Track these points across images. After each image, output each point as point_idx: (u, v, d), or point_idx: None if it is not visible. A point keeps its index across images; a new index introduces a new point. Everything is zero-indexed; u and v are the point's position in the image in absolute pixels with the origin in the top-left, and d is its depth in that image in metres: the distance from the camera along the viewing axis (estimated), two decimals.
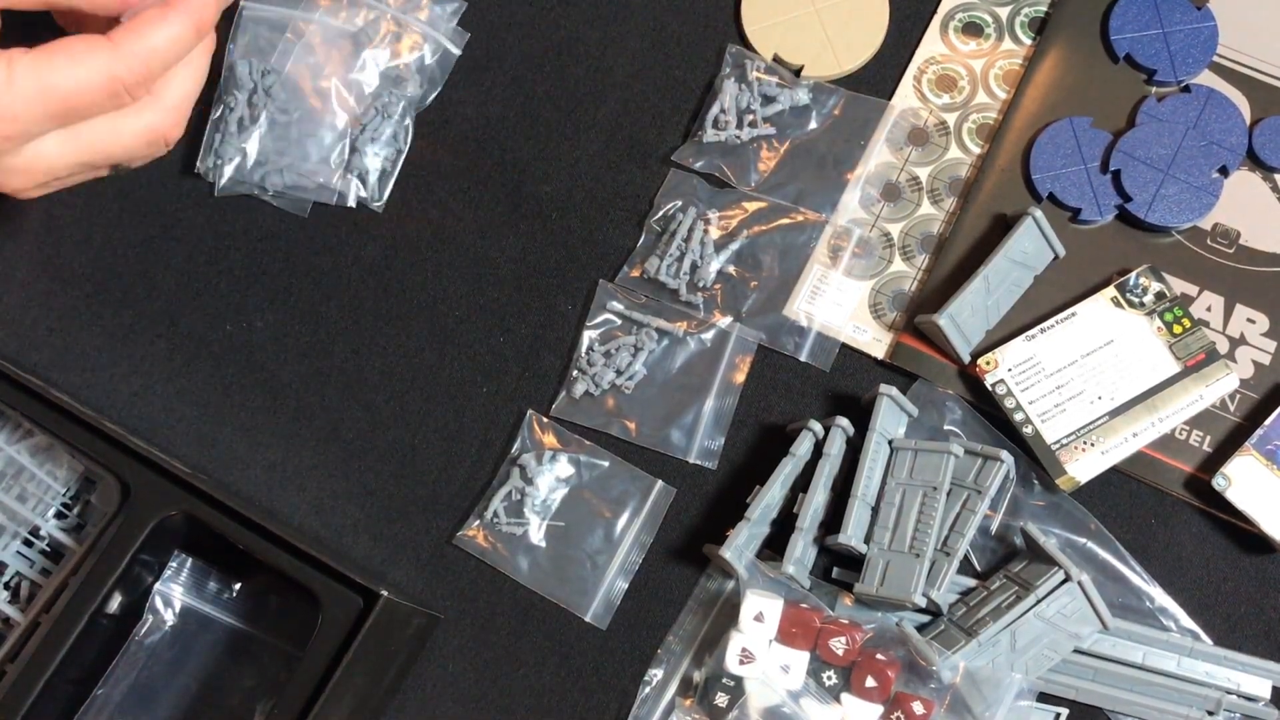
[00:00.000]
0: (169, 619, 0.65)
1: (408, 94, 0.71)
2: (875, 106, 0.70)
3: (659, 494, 0.66)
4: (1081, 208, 0.66)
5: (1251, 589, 0.62)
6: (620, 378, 0.67)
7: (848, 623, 0.59)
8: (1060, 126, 0.67)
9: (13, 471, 0.65)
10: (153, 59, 0.51)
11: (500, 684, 0.64)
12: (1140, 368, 0.62)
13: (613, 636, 0.64)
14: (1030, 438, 0.62)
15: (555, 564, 0.65)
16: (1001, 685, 0.58)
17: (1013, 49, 0.70)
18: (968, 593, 0.61)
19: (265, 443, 0.68)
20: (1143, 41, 0.67)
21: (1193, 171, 0.65)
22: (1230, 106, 0.66)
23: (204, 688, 0.64)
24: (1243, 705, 0.60)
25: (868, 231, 0.68)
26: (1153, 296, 0.63)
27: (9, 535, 0.65)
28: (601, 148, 0.71)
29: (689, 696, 0.62)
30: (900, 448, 0.62)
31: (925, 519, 0.59)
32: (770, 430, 0.66)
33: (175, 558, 0.65)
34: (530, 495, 0.65)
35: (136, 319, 0.70)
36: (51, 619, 0.58)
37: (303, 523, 0.67)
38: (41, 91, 0.49)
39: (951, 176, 0.68)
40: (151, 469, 0.59)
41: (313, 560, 0.58)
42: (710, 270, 0.68)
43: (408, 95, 0.71)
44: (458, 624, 0.65)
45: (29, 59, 0.50)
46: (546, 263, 0.70)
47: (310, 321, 0.70)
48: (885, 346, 0.66)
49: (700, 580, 0.64)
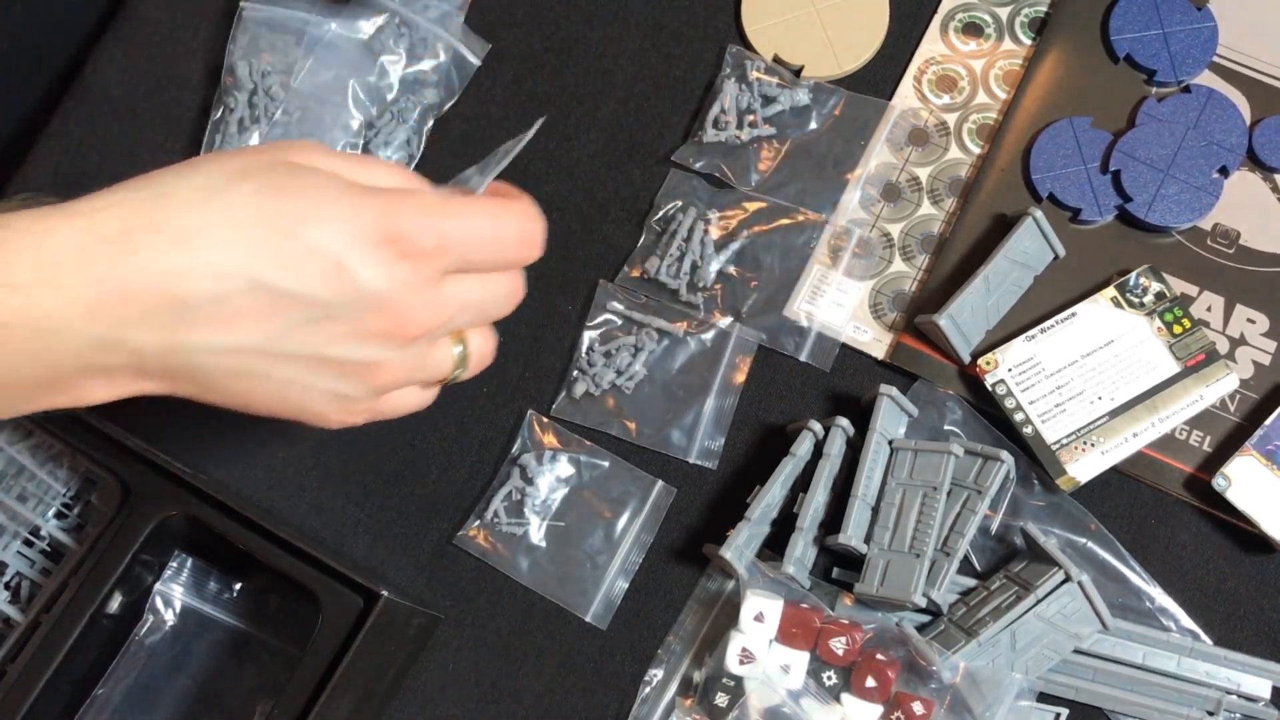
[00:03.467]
0: (169, 619, 0.65)
1: (425, 100, 0.71)
2: (875, 106, 0.70)
3: (659, 494, 0.66)
4: (1081, 208, 0.66)
5: (1251, 589, 0.62)
6: (620, 378, 0.67)
7: (848, 623, 0.59)
8: (1060, 126, 0.67)
9: (13, 471, 0.65)
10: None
11: (500, 684, 0.64)
12: (1140, 368, 0.62)
13: (613, 636, 0.64)
14: (1030, 438, 0.62)
15: (555, 564, 0.65)
16: (1001, 685, 0.58)
17: (1013, 49, 0.70)
18: (968, 593, 0.61)
19: (265, 443, 0.68)
20: (1143, 42, 0.67)
21: (1193, 171, 0.65)
22: (1230, 106, 0.66)
23: (204, 688, 0.64)
24: (1243, 705, 0.60)
25: (868, 232, 0.68)
26: (1153, 296, 0.63)
27: (9, 535, 0.65)
28: (601, 148, 0.71)
29: (689, 696, 0.62)
30: (900, 448, 0.62)
31: (925, 519, 0.59)
32: (770, 430, 0.66)
33: (175, 558, 0.65)
34: (530, 495, 0.65)
35: None
36: (52, 619, 0.58)
37: (303, 523, 0.67)
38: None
39: (951, 177, 0.68)
40: (151, 469, 0.59)
41: (313, 560, 0.58)
42: (710, 270, 0.68)
43: (425, 102, 0.71)
44: (458, 624, 0.65)
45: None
46: (546, 263, 0.69)
47: None
48: (885, 346, 0.66)
49: (700, 580, 0.64)
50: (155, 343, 0.43)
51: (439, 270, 0.46)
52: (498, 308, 0.50)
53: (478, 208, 0.48)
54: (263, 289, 0.43)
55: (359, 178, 0.46)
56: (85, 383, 0.44)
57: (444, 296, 0.47)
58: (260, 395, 0.47)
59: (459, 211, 0.47)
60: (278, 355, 0.45)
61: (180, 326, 0.43)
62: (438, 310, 0.47)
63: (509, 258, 0.49)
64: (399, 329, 0.46)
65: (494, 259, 0.48)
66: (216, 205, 0.43)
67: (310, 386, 0.47)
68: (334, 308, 0.44)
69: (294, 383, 0.46)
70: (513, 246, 0.48)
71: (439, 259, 0.46)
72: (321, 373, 0.46)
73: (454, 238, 0.46)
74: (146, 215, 0.43)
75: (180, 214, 0.43)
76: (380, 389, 0.48)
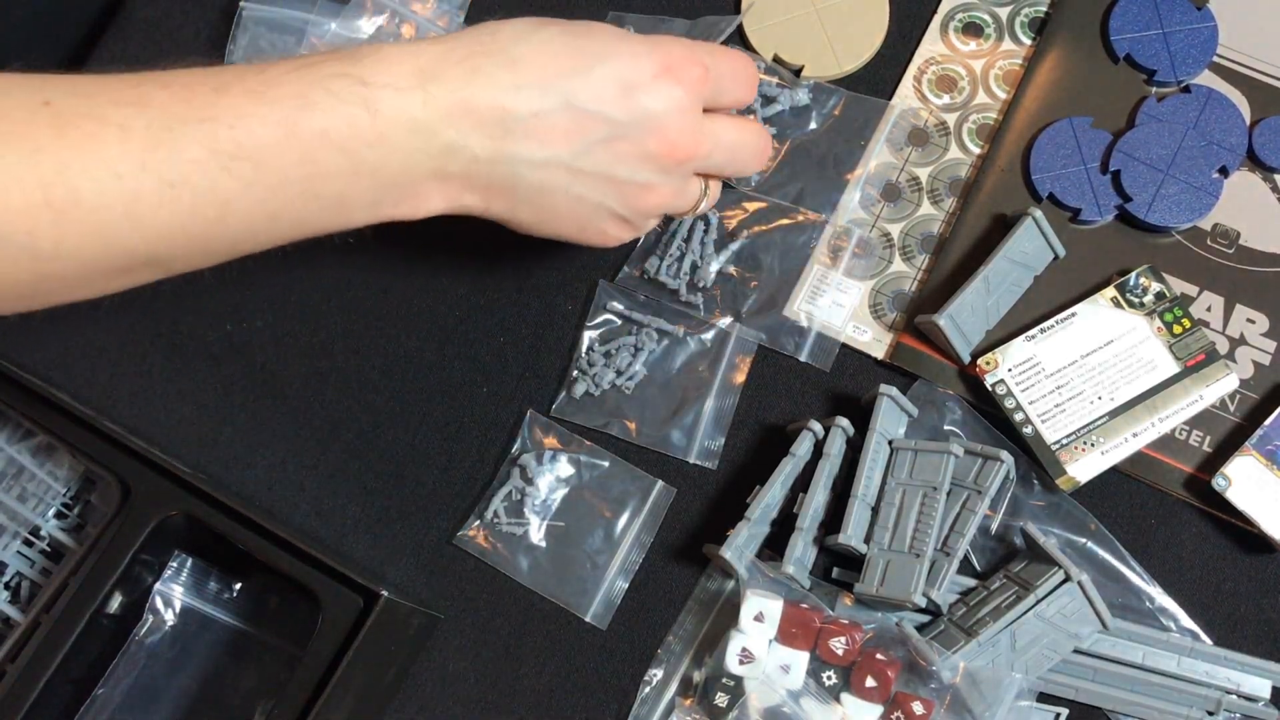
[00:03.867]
0: (169, 619, 0.65)
1: None
2: (875, 106, 0.70)
3: (659, 494, 0.66)
4: (1081, 208, 0.66)
5: (1251, 589, 0.62)
6: (620, 378, 0.67)
7: (848, 623, 0.59)
8: (1060, 126, 0.67)
9: (13, 471, 0.65)
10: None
11: (500, 684, 0.64)
12: (1140, 368, 0.62)
13: (613, 636, 0.64)
14: (1030, 438, 0.62)
15: (555, 564, 0.65)
16: (1001, 685, 0.58)
17: (1013, 49, 0.70)
18: (968, 593, 0.61)
19: (265, 443, 0.68)
20: (1143, 41, 0.67)
21: (1193, 171, 0.65)
22: (1230, 106, 0.66)
23: (204, 688, 0.64)
24: (1243, 705, 0.60)
25: (868, 232, 0.68)
26: (1153, 296, 0.63)
27: (9, 535, 0.65)
28: None
29: (689, 696, 0.62)
30: (900, 448, 0.62)
31: (925, 519, 0.59)
32: (770, 430, 0.66)
33: (175, 558, 0.65)
34: (530, 495, 0.65)
35: (136, 319, 0.70)
36: (52, 619, 0.58)
37: (303, 523, 0.67)
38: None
39: (951, 177, 0.68)
40: (151, 469, 0.59)
41: (313, 560, 0.58)
42: (710, 270, 0.68)
43: None
44: (458, 624, 0.65)
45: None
46: (546, 263, 0.70)
47: (310, 321, 0.70)
48: (885, 346, 0.66)
49: (700, 580, 0.64)
50: (488, 150, 0.53)
51: (701, 98, 0.56)
52: (747, 156, 0.60)
53: (719, 48, 0.59)
54: (572, 108, 0.53)
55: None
56: (427, 187, 0.54)
57: (706, 128, 0.57)
58: (558, 211, 0.56)
59: (710, 49, 0.57)
60: (578, 171, 0.55)
61: (507, 137, 0.53)
62: (701, 139, 0.57)
63: (743, 94, 0.59)
64: (671, 151, 0.56)
65: (740, 90, 0.58)
66: (535, 39, 0.53)
67: (598, 205, 0.56)
68: (624, 127, 0.54)
69: (585, 199, 0.56)
70: (745, 83, 0.59)
71: (702, 85, 0.56)
72: (608, 192, 0.56)
73: (711, 66, 0.56)
74: (484, 44, 0.53)
75: (509, 44, 0.53)
76: (647, 212, 0.58)
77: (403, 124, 0.51)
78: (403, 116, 0.51)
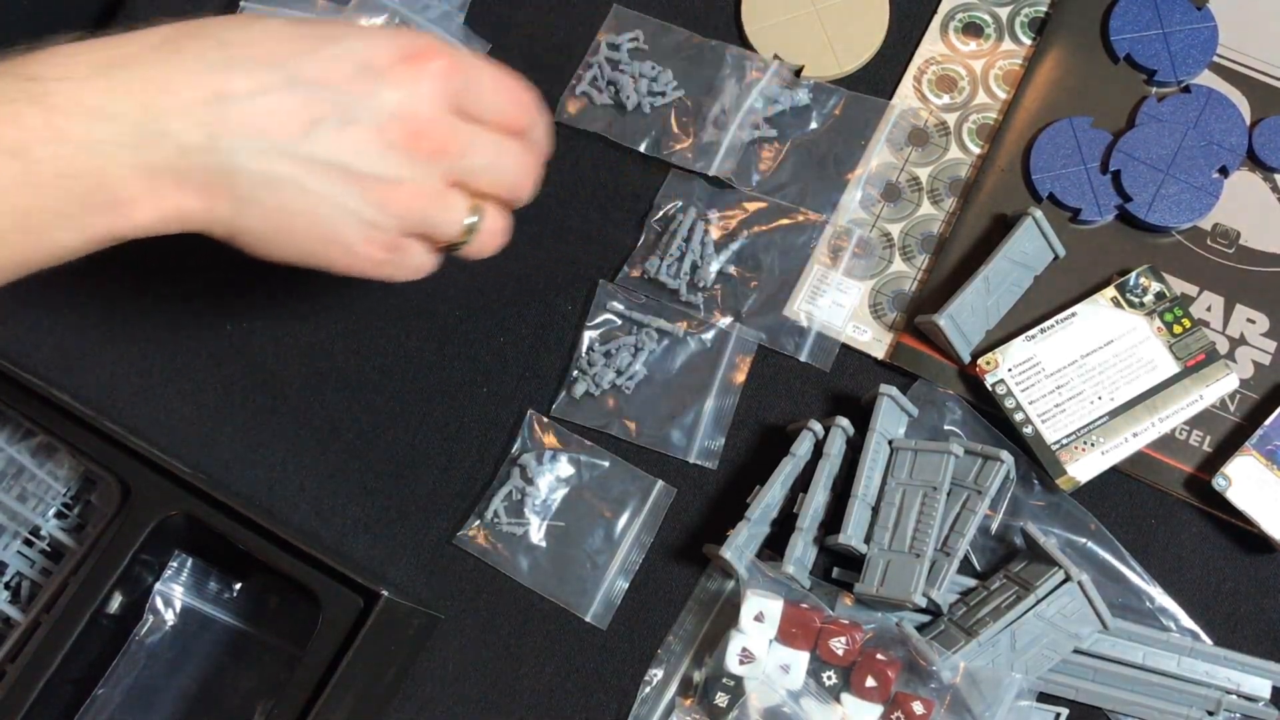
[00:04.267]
0: (169, 619, 0.65)
1: None
2: (875, 106, 0.70)
3: (659, 494, 0.66)
4: (1081, 208, 0.66)
5: (1251, 589, 0.62)
6: (620, 378, 0.67)
7: (848, 623, 0.59)
8: (1060, 126, 0.67)
9: (13, 471, 0.65)
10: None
11: (500, 684, 0.64)
12: (1140, 368, 0.62)
13: (613, 636, 0.64)
14: (1030, 438, 0.62)
15: (555, 564, 0.65)
16: (1001, 685, 0.58)
17: (1013, 49, 0.70)
18: (968, 593, 0.61)
19: (265, 443, 0.68)
20: (1143, 41, 0.67)
21: (1193, 171, 0.65)
22: (1230, 106, 0.66)
23: (204, 688, 0.64)
24: (1243, 705, 0.60)
25: (868, 231, 0.68)
26: (1153, 296, 0.63)
27: (9, 535, 0.65)
28: (601, 148, 0.71)
29: (689, 696, 0.62)
30: (900, 448, 0.62)
31: (925, 519, 0.59)
32: (770, 430, 0.66)
33: (175, 558, 0.65)
34: (530, 495, 0.65)
35: (137, 319, 0.70)
36: (52, 619, 0.58)
37: (303, 523, 0.67)
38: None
39: (951, 176, 0.68)
40: (151, 469, 0.59)
41: (313, 560, 0.58)
42: (710, 270, 0.68)
43: None
44: (458, 624, 0.65)
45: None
46: (546, 263, 0.70)
47: (310, 321, 0.70)
48: (885, 346, 0.66)
49: (700, 580, 0.64)
50: (197, 137, 0.46)
51: (452, 92, 0.50)
52: (513, 172, 0.54)
53: (482, 58, 0.54)
54: (298, 86, 0.47)
55: None
56: (132, 189, 0.46)
57: (458, 123, 0.51)
58: (294, 214, 0.49)
59: (468, 55, 0.52)
60: (309, 162, 0.48)
61: (219, 121, 0.46)
62: (454, 135, 0.51)
63: (509, 113, 0.53)
64: (415, 141, 0.49)
65: (503, 103, 0.53)
66: (254, 27, 0.48)
67: (340, 205, 0.49)
68: (359, 110, 0.48)
69: (324, 199, 0.49)
70: (511, 102, 0.53)
71: (451, 78, 0.50)
72: (348, 189, 0.49)
73: (463, 65, 0.51)
74: (189, 30, 0.47)
75: (220, 30, 0.48)
76: (399, 217, 0.51)
77: (81, 113, 0.44)
78: (81, 106, 0.44)
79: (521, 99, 0.54)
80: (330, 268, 0.52)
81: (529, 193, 0.56)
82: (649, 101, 0.70)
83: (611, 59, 0.72)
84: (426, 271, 0.55)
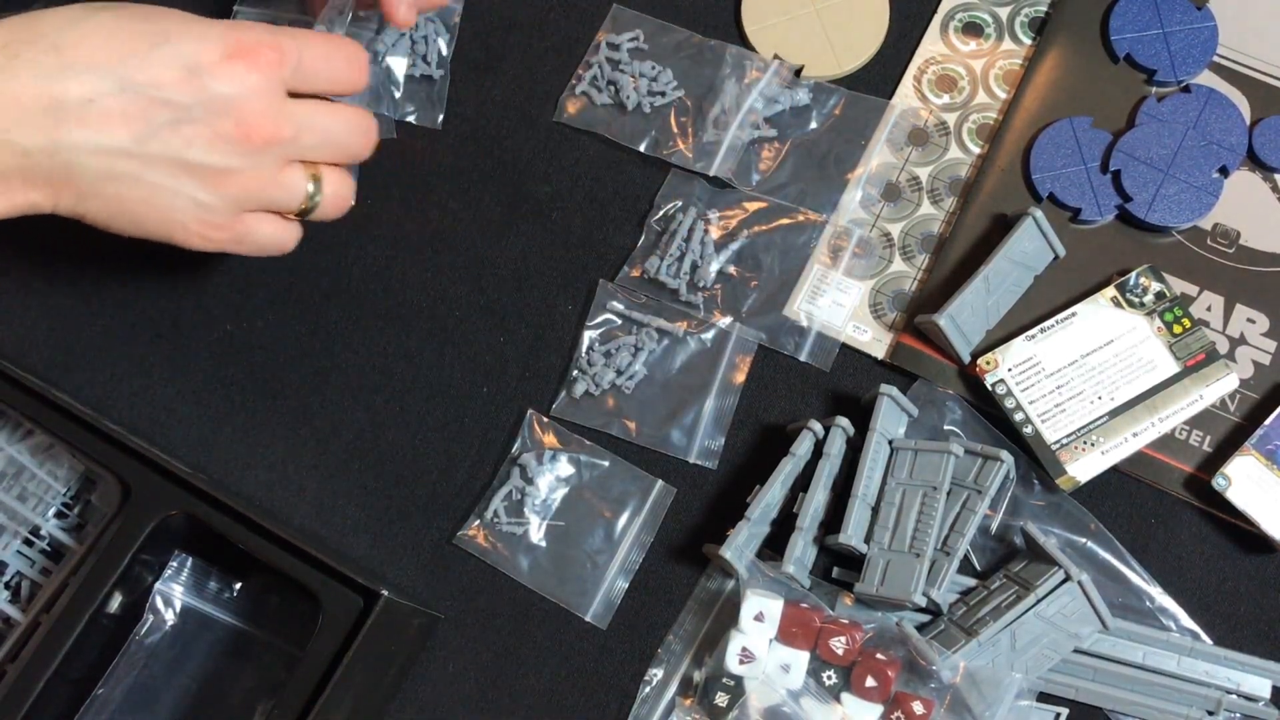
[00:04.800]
0: (169, 619, 0.65)
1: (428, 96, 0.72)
2: (875, 106, 0.70)
3: (659, 494, 0.66)
4: (1081, 208, 0.66)
5: (1251, 589, 0.62)
6: (620, 378, 0.67)
7: (848, 623, 0.59)
8: (1060, 126, 0.67)
9: (13, 471, 0.65)
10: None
11: (500, 684, 0.64)
12: (1140, 368, 0.62)
13: (613, 636, 0.64)
14: (1030, 438, 0.62)
15: (555, 564, 0.65)
16: (1001, 685, 0.58)
17: (1013, 49, 0.70)
18: (968, 593, 0.61)
19: (265, 443, 0.68)
20: (1143, 41, 0.67)
21: (1193, 171, 0.65)
22: (1230, 106, 0.66)
23: (204, 688, 0.64)
24: (1243, 705, 0.60)
25: (868, 231, 0.68)
26: (1153, 296, 0.63)
27: (9, 535, 0.65)
28: (601, 148, 0.71)
29: (689, 696, 0.62)
30: (900, 448, 0.62)
31: (925, 519, 0.59)
32: (770, 430, 0.66)
33: (175, 558, 0.65)
34: (530, 495, 0.65)
35: (136, 319, 0.71)
36: (52, 619, 0.58)
37: (303, 523, 0.67)
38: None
39: (951, 176, 0.68)
40: (151, 469, 0.59)
41: (313, 560, 0.58)
42: (710, 270, 0.68)
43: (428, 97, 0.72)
44: (458, 624, 0.65)
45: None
46: (546, 263, 0.70)
47: (310, 321, 0.70)
48: (885, 346, 0.66)
49: (700, 580, 0.64)
50: (39, 142, 0.50)
51: (280, 80, 0.54)
52: (346, 139, 0.57)
53: (311, 33, 0.56)
54: (130, 89, 0.50)
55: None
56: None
57: (289, 110, 0.54)
58: (132, 201, 0.53)
59: (294, 33, 0.55)
60: (145, 157, 0.52)
61: (59, 126, 0.50)
62: (282, 121, 0.54)
63: (340, 78, 0.56)
64: (246, 134, 0.53)
65: (328, 76, 0.56)
66: (86, 24, 0.51)
67: (175, 192, 0.53)
68: (191, 110, 0.52)
69: (161, 188, 0.53)
70: (343, 67, 0.56)
71: (279, 68, 0.53)
72: (183, 178, 0.53)
73: (290, 50, 0.54)
74: (23, 30, 0.50)
75: (55, 30, 0.50)
76: (235, 200, 0.55)
77: None
78: None
79: (353, 62, 0.57)
80: (176, 244, 0.56)
81: (367, 151, 0.59)
82: (649, 101, 0.70)
83: (611, 59, 0.72)
84: (287, 244, 0.60)
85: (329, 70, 0.56)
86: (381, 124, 0.72)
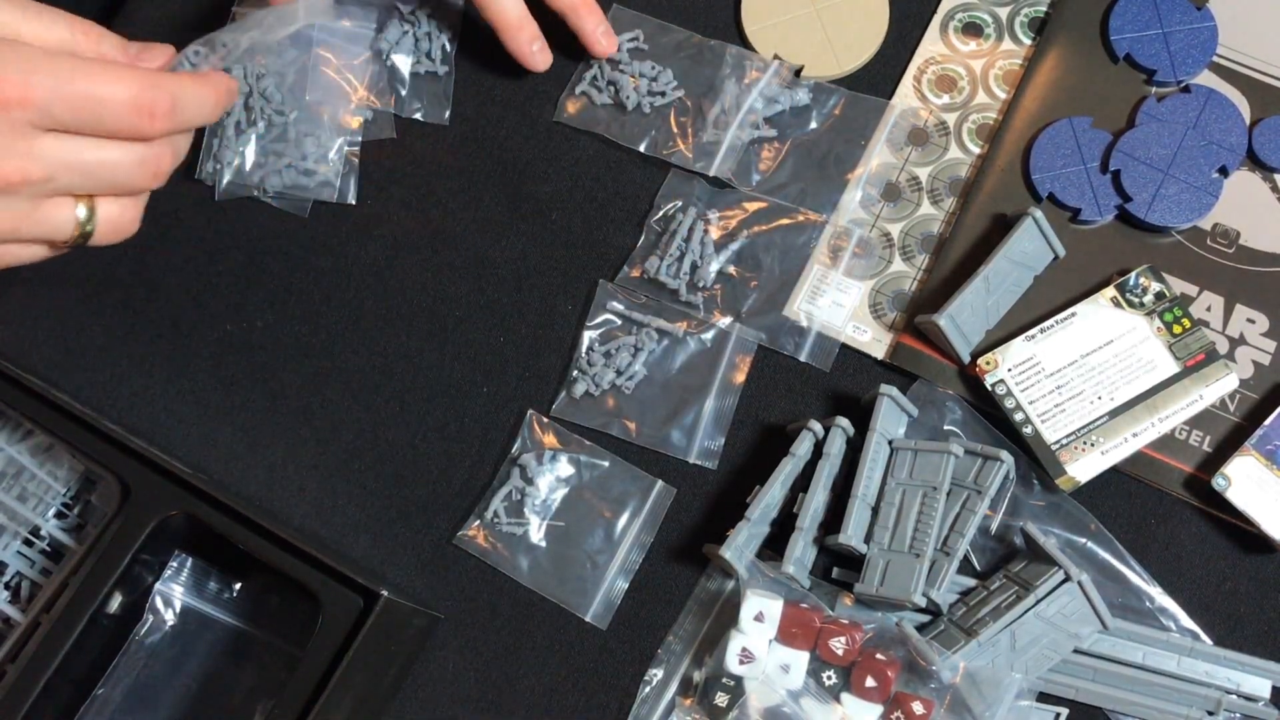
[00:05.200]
0: (169, 619, 0.65)
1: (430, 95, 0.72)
2: (875, 106, 0.70)
3: (659, 494, 0.66)
4: (1081, 208, 0.66)
5: (1251, 589, 0.62)
6: (620, 378, 0.67)
7: (848, 623, 0.59)
8: (1060, 126, 0.67)
9: (13, 471, 0.65)
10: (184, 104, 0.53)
11: (500, 684, 0.64)
12: (1140, 368, 0.62)
13: (613, 636, 0.64)
14: (1030, 438, 0.62)
15: (555, 564, 0.65)
16: (1001, 685, 0.58)
17: (1013, 49, 0.70)
18: (968, 593, 0.61)
19: (265, 443, 0.68)
20: (1143, 41, 0.67)
21: (1193, 171, 0.65)
22: (1230, 106, 0.66)
23: (204, 688, 0.64)
24: (1243, 705, 0.60)
25: (868, 231, 0.68)
26: (1153, 296, 0.63)
27: (9, 535, 0.65)
28: (601, 148, 0.71)
29: (689, 696, 0.62)
30: (900, 448, 0.62)
31: (925, 519, 0.59)
32: (770, 430, 0.66)
33: (175, 558, 0.65)
34: (530, 495, 0.65)
35: (137, 319, 0.71)
36: (52, 619, 0.58)
37: (303, 523, 0.67)
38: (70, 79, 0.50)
39: (951, 176, 0.68)
40: (151, 469, 0.59)
41: (313, 560, 0.58)
42: (710, 270, 0.68)
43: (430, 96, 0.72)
44: (458, 624, 0.65)
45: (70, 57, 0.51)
46: (546, 263, 0.70)
47: (310, 321, 0.70)
48: (885, 346, 0.66)
49: (700, 580, 0.64)
50: None
51: (26, 122, 0.49)
52: (119, 174, 0.53)
53: (85, 68, 0.50)
54: None
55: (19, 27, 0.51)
56: None
57: (39, 150, 0.50)
58: None
59: (58, 69, 0.49)
60: None
61: None
62: (31, 162, 0.50)
63: (111, 122, 0.51)
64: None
65: (92, 120, 0.51)
66: None
67: None
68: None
69: None
70: (120, 111, 0.51)
71: (21, 110, 0.49)
72: None
73: (40, 91, 0.49)
74: None
75: None
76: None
77: None
78: None
79: (130, 109, 0.51)
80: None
81: (151, 184, 0.55)
82: (649, 101, 0.70)
83: (611, 59, 0.72)
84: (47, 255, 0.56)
85: (92, 115, 0.51)
86: (381, 123, 0.72)
